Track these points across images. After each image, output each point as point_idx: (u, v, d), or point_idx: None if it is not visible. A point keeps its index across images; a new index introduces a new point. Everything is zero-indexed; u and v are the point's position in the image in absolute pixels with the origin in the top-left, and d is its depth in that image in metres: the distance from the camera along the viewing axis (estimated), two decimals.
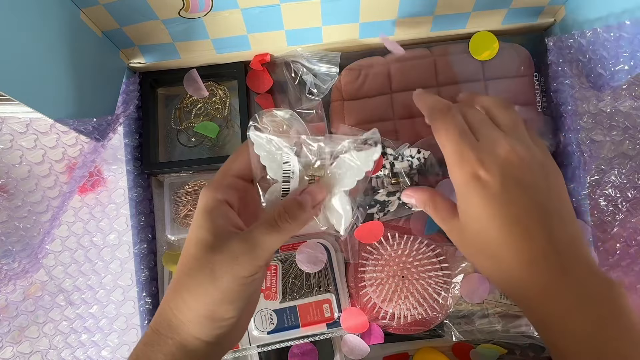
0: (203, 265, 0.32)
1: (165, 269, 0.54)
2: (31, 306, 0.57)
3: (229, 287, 0.31)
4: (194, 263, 0.32)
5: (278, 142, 0.35)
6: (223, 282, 0.31)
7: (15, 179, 0.55)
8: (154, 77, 0.54)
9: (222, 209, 0.34)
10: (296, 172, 0.35)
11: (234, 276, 0.31)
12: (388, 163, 0.44)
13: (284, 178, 0.35)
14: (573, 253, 0.33)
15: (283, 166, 0.35)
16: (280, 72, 0.54)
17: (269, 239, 0.32)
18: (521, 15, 0.49)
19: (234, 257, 0.31)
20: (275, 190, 0.36)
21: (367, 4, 0.46)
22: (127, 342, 0.57)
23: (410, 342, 0.52)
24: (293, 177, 0.35)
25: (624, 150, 0.53)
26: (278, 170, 0.35)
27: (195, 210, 0.34)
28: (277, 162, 0.35)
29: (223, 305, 0.32)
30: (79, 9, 0.43)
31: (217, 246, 0.32)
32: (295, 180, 0.35)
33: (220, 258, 0.31)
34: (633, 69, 0.42)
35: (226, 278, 0.31)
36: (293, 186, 0.35)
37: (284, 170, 0.35)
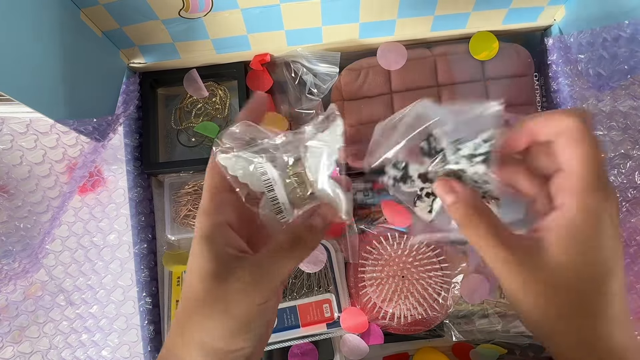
0: (213, 297, 0.29)
1: (165, 269, 0.54)
2: (31, 306, 0.57)
3: (244, 317, 0.29)
4: (202, 296, 0.30)
5: (246, 157, 0.33)
6: (238, 312, 0.29)
7: (15, 179, 0.55)
8: (154, 77, 0.54)
9: (222, 232, 0.31)
10: (276, 178, 0.34)
11: (249, 304, 0.29)
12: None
13: (267, 188, 0.34)
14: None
15: (262, 177, 0.34)
16: (280, 72, 0.54)
17: (281, 265, 0.30)
18: (521, 15, 0.49)
19: (246, 284, 0.29)
20: (265, 203, 0.34)
21: (367, 4, 0.46)
22: (127, 342, 0.57)
23: (410, 342, 0.52)
24: (276, 184, 0.34)
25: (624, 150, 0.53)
26: (259, 183, 0.34)
27: (193, 239, 0.32)
28: (256, 176, 0.34)
29: (240, 336, 0.30)
30: (79, 9, 0.43)
31: (225, 275, 0.30)
32: (279, 187, 0.34)
33: (232, 287, 0.29)
34: (633, 69, 0.42)
35: (241, 308, 0.29)
36: (279, 193, 0.34)
37: (264, 181, 0.34)
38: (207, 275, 0.30)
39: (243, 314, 0.29)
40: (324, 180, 0.34)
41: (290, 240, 0.31)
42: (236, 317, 0.29)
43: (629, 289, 0.50)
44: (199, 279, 0.30)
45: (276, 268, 0.30)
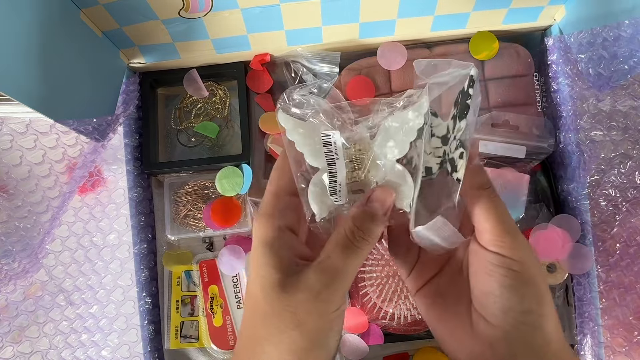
0: (280, 309, 0.27)
1: (165, 269, 0.54)
2: (31, 306, 0.57)
3: (316, 329, 0.27)
4: (267, 308, 0.28)
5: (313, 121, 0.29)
6: (309, 325, 0.27)
7: (15, 179, 0.55)
8: (154, 77, 0.54)
9: (285, 239, 0.29)
10: (340, 152, 0.29)
11: (320, 315, 0.27)
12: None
13: (329, 161, 0.29)
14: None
15: (324, 148, 0.29)
16: (280, 72, 0.54)
17: (348, 263, 0.28)
18: (521, 15, 0.49)
19: (315, 293, 0.27)
20: (319, 180, 0.29)
21: (367, 4, 0.46)
22: (126, 342, 0.57)
23: (410, 342, 0.52)
24: (338, 159, 0.29)
25: (624, 150, 0.53)
26: (318, 154, 0.29)
27: (252, 245, 0.30)
28: (317, 145, 0.29)
29: (313, 350, 0.27)
30: (79, 9, 0.43)
31: (291, 284, 0.27)
32: (341, 162, 0.29)
33: (300, 297, 0.27)
34: (633, 69, 0.42)
35: (312, 319, 0.27)
36: (340, 170, 0.29)
37: (326, 152, 0.29)
38: (271, 286, 0.28)
39: (315, 327, 0.27)
40: (392, 164, 0.29)
41: (352, 232, 0.28)
42: (308, 332, 0.27)
43: (629, 289, 0.50)
44: (262, 290, 0.28)
45: (343, 268, 0.28)
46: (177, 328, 0.53)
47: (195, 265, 0.53)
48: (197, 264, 0.53)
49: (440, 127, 0.30)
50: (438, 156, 0.30)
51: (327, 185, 0.29)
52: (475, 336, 0.31)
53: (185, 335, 0.53)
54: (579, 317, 0.49)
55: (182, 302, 0.53)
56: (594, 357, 0.47)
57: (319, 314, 0.27)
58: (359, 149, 0.30)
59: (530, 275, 0.29)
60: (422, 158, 0.29)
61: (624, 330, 0.49)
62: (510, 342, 0.29)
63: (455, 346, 0.33)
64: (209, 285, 0.53)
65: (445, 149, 0.30)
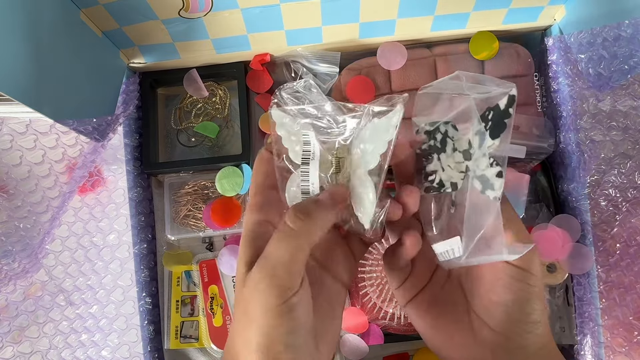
0: (238, 304, 0.28)
1: (165, 268, 0.54)
2: (31, 306, 0.57)
3: (266, 324, 0.26)
4: (235, 303, 0.28)
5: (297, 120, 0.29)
6: (259, 321, 0.26)
7: (15, 179, 0.55)
8: (154, 77, 0.54)
9: (262, 230, 0.29)
10: (316, 153, 0.29)
11: (265, 309, 0.25)
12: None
13: (304, 160, 0.29)
14: None
15: (303, 146, 0.29)
16: (280, 72, 0.54)
17: (281, 248, 0.26)
18: (521, 15, 0.49)
19: (256, 284, 0.26)
20: (295, 179, 0.30)
21: (367, 4, 0.46)
22: (126, 342, 0.57)
23: (410, 342, 0.52)
24: (313, 159, 0.29)
25: (624, 150, 0.53)
26: (298, 152, 0.29)
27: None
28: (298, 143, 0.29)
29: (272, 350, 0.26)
30: (78, 9, 0.43)
31: (247, 278, 0.27)
32: (315, 162, 0.29)
33: (247, 290, 0.26)
34: (633, 69, 0.42)
35: (258, 314, 0.26)
36: (312, 170, 0.29)
37: (304, 151, 0.29)
38: (239, 277, 0.28)
39: (264, 324, 0.26)
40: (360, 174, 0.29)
41: (289, 214, 0.27)
42: (260, 329, 0.26)
43: (629, 289, 0.50)
44: (237, 282, 0.28)
45: (277, 254, 0.26)
46: (177, 328, 0.53)
47: (195, 265, 0.53)
48: (197, 264, 0.53)
49: (461, 142, 0.30)
50: (461, 171, 0.30)
51: (299, 184, 0.29)
52: (476, 342, 0.31)
53: (185, 335, 0.53)
54: (579, 317, 0.49)
55: (182, 302, 0.53)
56: (594, 357, 0.47)
57: (263, 308, 0.26)
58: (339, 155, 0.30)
59: (541, 288, 0.30)
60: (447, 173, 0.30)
61: (624, 330, 0.49)
62: (511, 349, 0.30)
63: (453, 352, 0.33)
64: (209, 285, 0.53)
65: (468, 164, 0.30)
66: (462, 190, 0.30)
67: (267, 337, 0.26)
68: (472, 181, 0.29)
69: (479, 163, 0.29)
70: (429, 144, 0.31)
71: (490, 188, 0.28)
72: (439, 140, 0.31)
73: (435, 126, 0.31)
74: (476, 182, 0.29)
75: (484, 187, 0.28)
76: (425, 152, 0.32)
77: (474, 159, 0.29)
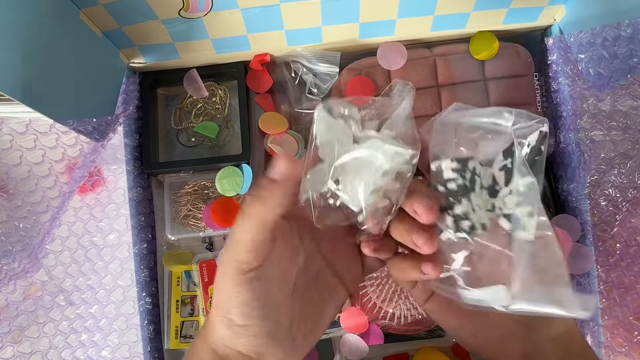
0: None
1: (165, 268, 0.54)
2: (31, 306, 0.57)
3: (223, 288, 0.29)
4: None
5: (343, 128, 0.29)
6: (218, 285, 0.30)
7: (15, 179, 0.55)
8: (154, 77, 0.54)
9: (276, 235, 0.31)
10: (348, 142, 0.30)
11: (223, 276, 0.29)
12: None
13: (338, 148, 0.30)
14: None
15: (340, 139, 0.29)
16: (280, 72, 0.54)
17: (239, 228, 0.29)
18: (521, 15, 0.49)
19: (221, 259, 0.30)
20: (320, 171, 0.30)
21: (367, 4, 0.46)
22: (126, 342, 0.57)
23: (410, 342, 0.52)
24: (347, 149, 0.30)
25: (624, 150, 0.53)
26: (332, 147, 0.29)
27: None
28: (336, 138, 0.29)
29: (233, 308, 0.29)
30: (78, 9, 0.43)
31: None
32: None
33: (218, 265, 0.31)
34: (633, 69, 0.42)
35: (219, 281, 0.29)
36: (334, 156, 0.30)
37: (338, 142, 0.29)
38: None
39: (228, 286, 0.29)
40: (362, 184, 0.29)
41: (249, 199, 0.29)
42: (224, 287, 0.29)
43: (629, 289, 0.50)
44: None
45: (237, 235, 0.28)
46: (177, 328, 0.53)
47: (195, 265, 0.53)
48: (197, 264, 0.53)
49: (487, 178, 0.29)
50: (488, 210, 0.29)
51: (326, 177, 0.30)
52: (503, 334, 0.33)
53: (185, 335, 0.53)
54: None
55: (182, 302, 0.53)
56: None
57: (223, 277, 0.29)
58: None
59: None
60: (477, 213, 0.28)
61: (624, 330, 0.49)
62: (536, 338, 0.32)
63: (481, 344, 0.34)
64: (209, 285, 0.53)
65: (494, 202, 0.29)
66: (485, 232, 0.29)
67: (224, 298, 0.29)
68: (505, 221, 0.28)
69: (506, 201, 0.28)
70: (458, 182, 0.29)
71: (522, 229, 0.27)
72: (467, 178, 0.29)
73: (463, 163, 0.29)
74: (504, 221, 0.28)
75: (514, 227, 0.27)
76: (452, 193, 0.29)
77: (500, 196, 0.28)
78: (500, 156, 0.28)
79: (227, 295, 0.29)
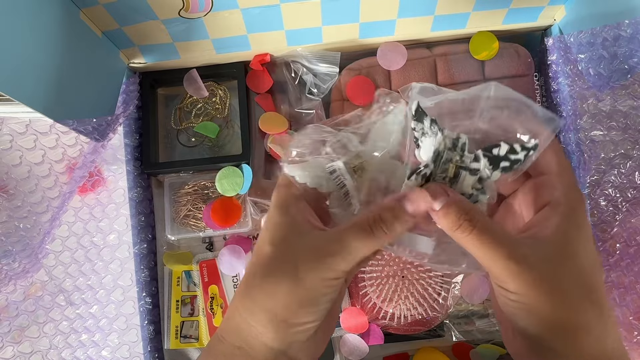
0: (283, 262, 0.28)
1: (165, 268, 0.54)
2: (31, 306, 0.57)
3: (313, 287, 0.28)
4: (271, 262, 0.29)
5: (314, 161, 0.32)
6: (307, 282, 0.28)
7: (15, 179, 0.55)
8: (154, 77, 0.54)
9: (300, 205, 0.30)
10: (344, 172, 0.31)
11: (320, 276, 0.28)
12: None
13: (339, 185, 0.32)
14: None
15: (331, 176, 0.32)
16: (280, 72, 0.54)
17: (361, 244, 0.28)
18: (521, 15, 0.49)
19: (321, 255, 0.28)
20: (337, 197, 0.32)
21: (367, 4, 0.46)
22: (127, 342, 0.57)
23: (410, 342, 0.52)
24: (346, 179, 0.32)
25: (624, 150, 0.53)
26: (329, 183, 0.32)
27: (269, 208, 0.31)
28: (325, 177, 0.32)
29: (304, 308, 0.28)
30: (78, 9, 0.43)
31: (300, 242, 0.29)
32: (349, 179, 0.32)
33: (305, 255, 0.28)
34: (633, 69, 0.42)
35: (311, 276, 0.28)
36: (350, 185, 0.32)
37: (334, 180, 0.32)
38: (280, 242, 0.29)
39: (311, 285, 0.28)
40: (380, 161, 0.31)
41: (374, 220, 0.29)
42: (304, 287, 0.28)
43: (629, 289, 0.50)
44: (270, 246, 0.29)
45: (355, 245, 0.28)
46: (177, 328, 0.53)
47: (195, 265, 0.53)
48: (197, 264, 0.53)
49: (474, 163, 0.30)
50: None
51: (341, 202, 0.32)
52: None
53: (185, 335, 0.53)
54: None
55: (182, 302, 0.53)
56: None
57: (318, 276, 0.28)
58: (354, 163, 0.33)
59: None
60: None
61: (624, 330, 0.49)
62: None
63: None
64: (209, 285, 0.53)
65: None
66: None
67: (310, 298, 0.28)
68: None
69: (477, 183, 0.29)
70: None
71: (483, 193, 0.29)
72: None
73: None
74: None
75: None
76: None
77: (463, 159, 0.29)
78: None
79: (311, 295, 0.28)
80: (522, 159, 0.28)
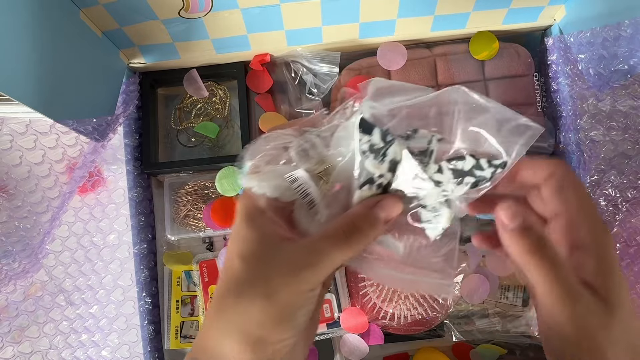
0: (255, 278, 0.27)
1: (165, 268, 0.54)
2: (31, 306, 0.57)
3: (288, 302, 0.27)
4: (243, 277, 0.27)
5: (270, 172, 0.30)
6: (282, 297, 0.26)
7: (15, 179, 0.55)
8: (154, 77, 0.54)
9: (266, 216, 0.29)
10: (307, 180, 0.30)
11: (294, 291, 0.27)
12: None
13: (302, 194, 0.31)
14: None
15: (292, 185, 0.30)
16: (280, 72, 0.54)
17: (338, 253, 0.27)
18: (521, 15, 0.49)
19: (295, 269, 0.27)
20: (302, 206, 0.31)
21: (367, 4, 0.46)
22: (126, 342, 0.57)
23: (410, 342, 0.52)
24: (309, 187, 0.30)
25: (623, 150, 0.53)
26: (290, 192, 0.30)
27: (235, 221, 0.30)
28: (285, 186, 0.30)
29: (281, 324, 0.27)
30: (78, 9, 0.43)
31: (271, 256, 0.27)
32: (313, 187, 0.30)
33: (277, 270, 0.27)
34: (633, 69, 0.42)
35: (286, 291, 0.26)
36: (314, 192, 0.30)
37: (296, 189, 0.30)
38: (249, 257, 0.28)
39: (286, 300, 0.26)
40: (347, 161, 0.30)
41: (349, 229, 0.28)
42: (279, 303, 0.26)
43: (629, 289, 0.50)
44: (240, 262, 0.28)
45: (331, 255, 0.27)
46: (177, 328, 0.53)
47: (195, 265, 0.53)
48: (197, 264, 0.53)
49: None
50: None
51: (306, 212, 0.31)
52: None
53: (185, 335, 0.53)
54: None
55: (182, 302, 0.53)
56: None
57: (293, 290, 0.27)
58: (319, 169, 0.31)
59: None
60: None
61: None
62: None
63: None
64: (209, 285, 0.53)
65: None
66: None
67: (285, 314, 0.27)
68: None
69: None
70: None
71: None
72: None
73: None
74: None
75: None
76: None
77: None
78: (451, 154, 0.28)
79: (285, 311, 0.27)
80: (487, 177, 0.26)
